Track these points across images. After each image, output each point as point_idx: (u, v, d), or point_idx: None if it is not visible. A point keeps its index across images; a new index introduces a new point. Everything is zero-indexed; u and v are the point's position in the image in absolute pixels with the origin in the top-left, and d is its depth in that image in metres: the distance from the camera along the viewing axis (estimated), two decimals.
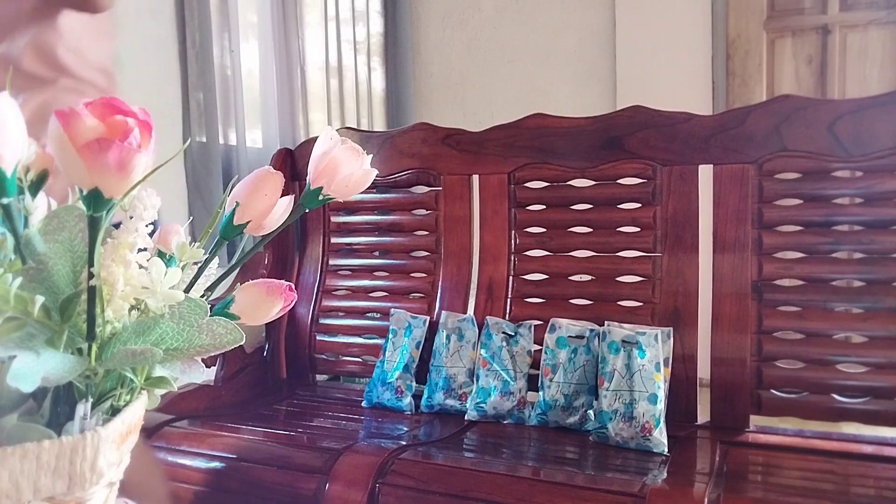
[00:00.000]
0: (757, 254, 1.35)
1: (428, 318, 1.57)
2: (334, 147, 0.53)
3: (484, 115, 3.03)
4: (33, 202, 0.45)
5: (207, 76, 2.07)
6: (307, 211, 0.54)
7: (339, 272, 1.76)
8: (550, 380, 1.38)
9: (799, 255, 1.33)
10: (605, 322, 1.36)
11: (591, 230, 1.50)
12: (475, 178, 1.61)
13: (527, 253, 1.55)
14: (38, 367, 0.36)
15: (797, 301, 1.32)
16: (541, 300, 1.52)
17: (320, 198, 0.53)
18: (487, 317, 1.49)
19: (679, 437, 1.26)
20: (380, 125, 3.00)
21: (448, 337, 1.50)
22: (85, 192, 0.38)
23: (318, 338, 1.75)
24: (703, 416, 1.36)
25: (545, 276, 1.53)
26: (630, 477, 1.11)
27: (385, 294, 1.70)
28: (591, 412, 1.34)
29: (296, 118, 2.50)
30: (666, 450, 1.21)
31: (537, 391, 1.42)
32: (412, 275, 1.67)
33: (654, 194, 1.44)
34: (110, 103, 0.37)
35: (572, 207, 1.51)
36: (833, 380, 1.27)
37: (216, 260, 0.51)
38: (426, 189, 1.67)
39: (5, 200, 0.38)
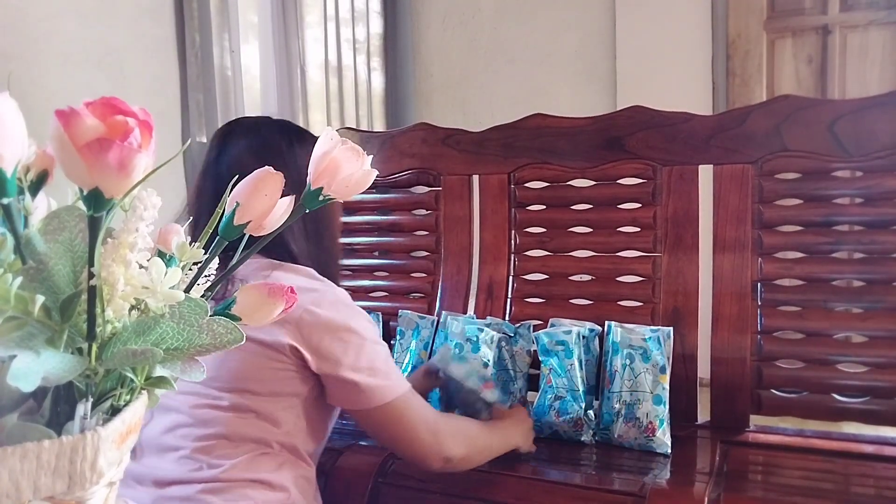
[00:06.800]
0: (757, 254, 1.35)
1: (436, 318, 1.56)
2: (335, 147, 0.53)
3: (484, 115, 3.03)
4: (33, 202, 0.45)
5: (207, 76, 2.07)
6: (307, 211, 0.54)
7: (340, 272, 1.75)
8: None
9: (799, 255, 1.33)
10: (606, 322, 1.36)
11: (592, 230, 1.49)
12: (475, 178, 1.61)
13: (527, 253, 1.55)
14: (38, 367, 0.36)
15: (797, 301, 1.32)
16: (541, 300, 1.52)
17: (320, 198, 0.53)
18: (488, 317, 1.49)
19: (679, 436, 1.26)
20: (380, 125, 3.00)
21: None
22: (85, 192, 0.38)
23: None
24: (703, 415, 1.36)
25: (545, 276, 1.53)
26: (630, 476, 1.11)
27: (385, 294, 1.69)
28: (591, 412, 1.34)
29: (296, 118, 2.50)
30: (669, 450, 1.21)
31: (537, 391, 1.41)
32: (412, 275, 1.66)
33: (655, 194, 1.44)
34: (111, 103, 0.37)
35: (572, 207, 1.51)
36: (833, 379, 1.27)
37: (216, 260, 0.51)
38: (426, 189, 1.67)
39: (5, 200, 0.38)
